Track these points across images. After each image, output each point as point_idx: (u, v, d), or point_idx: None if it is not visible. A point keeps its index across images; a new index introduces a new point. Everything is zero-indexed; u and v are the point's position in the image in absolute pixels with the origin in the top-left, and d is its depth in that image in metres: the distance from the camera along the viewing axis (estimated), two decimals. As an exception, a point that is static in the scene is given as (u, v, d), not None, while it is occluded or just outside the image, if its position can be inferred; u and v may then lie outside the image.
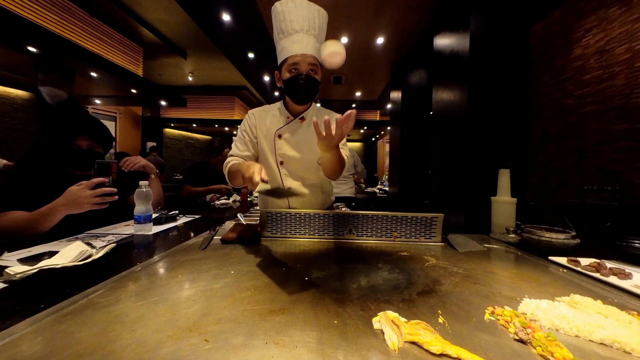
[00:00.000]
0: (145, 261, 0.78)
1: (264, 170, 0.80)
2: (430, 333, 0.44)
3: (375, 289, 0.62)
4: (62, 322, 0.48)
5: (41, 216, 0.97)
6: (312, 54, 1.05)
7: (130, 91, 5.29)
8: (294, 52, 1.04)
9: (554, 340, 0.42)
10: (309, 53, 1.04)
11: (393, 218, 1.02)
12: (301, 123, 1.17)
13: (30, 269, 0.61)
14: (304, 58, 1.04)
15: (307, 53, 1.04)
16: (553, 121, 1.81)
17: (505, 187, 1.16)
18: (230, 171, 1.08)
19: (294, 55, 1.04)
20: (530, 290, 0.62)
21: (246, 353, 0.40)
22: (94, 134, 1.22)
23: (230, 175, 1.10)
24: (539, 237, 0.89)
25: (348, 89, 6.83)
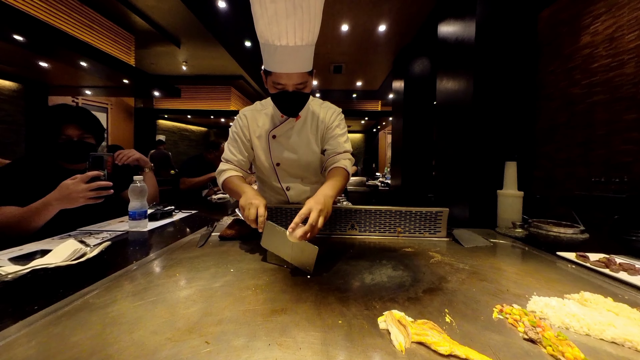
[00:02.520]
0: (141, 259, 0.77)
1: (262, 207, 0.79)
2: (438, 333, 0.44)
3: (379, 287, 0.61)
4: (57, 324, 0.48)
5: (34, 211, 0.96)
6: (299, 72, 0.89)
7: (122, 81, 5.20)
8: (277, 71, 0.89)
9: (564, 339, 0.42)
10: (295, 72, 0.89)
11: (397, 213, 1.02)
12: (296, 122, 1.11)
13: (22, 269, 0.60)
14: (289, 78, 0.90)
15: (293, 72, 0.89)
16: (559, 111, 1.79)
17: (512, 180, 1.15)
18: (227, 187, 1.05)
19: (278, 74, 0.90)
20: (538, 287, 0.62)
21: (249, 355, 0.40)
22: (83, 123, 1.19)
23: (226, 191, 1.07)
24: (547, 232, 0.89)
25: (348, 79, 6.75)
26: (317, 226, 0.72)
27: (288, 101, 0.98)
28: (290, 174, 1.19)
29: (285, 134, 1.12)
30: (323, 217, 0.74)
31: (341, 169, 1.04)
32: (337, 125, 1.14)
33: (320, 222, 0.72)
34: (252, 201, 0.81)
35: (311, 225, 0.70)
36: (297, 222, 0.71)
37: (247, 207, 0.81)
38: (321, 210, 0.74)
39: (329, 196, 0.82)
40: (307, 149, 1.13)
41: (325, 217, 0.75)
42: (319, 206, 0.74)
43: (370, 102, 9.06)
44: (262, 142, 1.14)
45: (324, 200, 0.77)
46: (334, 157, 1.11)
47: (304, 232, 0.69)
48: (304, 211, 0.73)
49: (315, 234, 0.73)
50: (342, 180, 0.98)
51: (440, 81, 2.38)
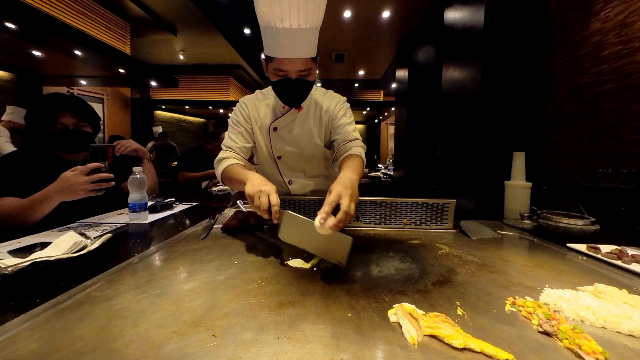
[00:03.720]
0: (143, 252, 0.76)
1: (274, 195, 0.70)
2: (451, 326, 0.43)
3: (388, 280, 0.61)
4: (60, 317, 0.47)
5: (35, 203, 0.95)
6: (303, 57, 0.85)
7: (118, 71, 5.14)
8: (279, 56, 0.84)
9: (581, 332, 0.41)
10: (298, 57, 0.84)
11: (402, 204, 1.01)
12: (298, 113, 1.07)
13: (22, 261, 0.59)
14: (292, 64, 0.85)
15: (297, 58, 0.84)
16: (567, 101, 1.76)
17: (520, 170, 1.14)
18: (227, 176, 0.96)
19: (280, 60, 0.85)
20: (550, 279, 0.61)
21: (258, 349, 0.39)
22: (78, 111, 1.17)
23: (226, 181, 0.99)
24: (557, 224, 0.88)
25: (350, 68, 6.66)
26: (350, 213, 0.63)
27: (290, 90, 0.93)
28: (292, 167, 1.17)
29: (287, 127, 1.08)
30: (354, 203, 0.66)
31: (357, 155, 0.98)
32: (342, 114, 1.09)
33: (353, 208, 0.64)
34: (262, 188, 0.71)
35: (345, 212, 0.62)
36: (327, 211, 0.62)
37: (256, 196, 0.70)
38: (351, 195, 0.66)
39: (354, 180, 0.74)
40: (309, 142, 1.10)
41: (355, 202, 0.67)
42: (349, 191, 0.66)
43: (373, 92, 8.96)
44: (263, 134, 1.10)
45: (351, 184, 0.69)
46: (345, 144, 1.05)
47: (338, 222, 0.61)
48: (333, 198, 0.64)
49: (349, 222, 0.64)
50: (361, 166, 0.92)
51: (446, 70, 2.34)
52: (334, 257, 0.64)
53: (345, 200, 0.63)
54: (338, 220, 0.61)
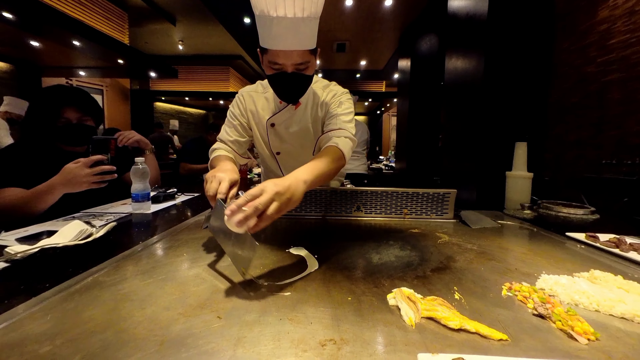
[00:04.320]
0: (147, 240, 0.78)
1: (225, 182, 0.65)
2: (448, 309, 0.45)
3: (387, 266, 0.63)
4: (70, 300, 0.49)
5: (39, 194, 0.97)
6: (299, 50, 0.78)
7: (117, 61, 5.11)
8: (274, 48, 0.78)
9: (574, 314, 0.43)
10: (294, 50, 0.78)
11: (403, 194, 1.02)
12: (295, 109, 1.01)
13: (31, 248, 0.61)
14: (287, 57, 0.79)
15: (292, 50, 0.78)
16: (572, 91, 1.74)
17: (522, 161, 1.15)
18: (211, 165, 0.96)
19: (274, 52, 0.79)
20: (547, 266, 0.63)
21: (261, 329, 0.41)
22: (82, 105, 1.18)
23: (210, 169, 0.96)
24: (557, 213, 0.89)
25: (352, 58, 6.58)
26: (265, 213, 0.53)
27: (286, 84, 0.87)
28: (292, 163, 1.13)
29: (284, 123, 1.04)
30: (278, 203, 0.55)
31: (331, 147, 0.86)
32: (337, 105, 1.00)
33: (272, 208, 0.54)
34: (217, 174, 0.66)
35: (255, 208, 0.51)
36: (239, 204, 0.51)
37: (209, 180, 0.66)
38: (277, 194, 0.55)
39: (299, 180, 0.63)
40: (307, 140, 1.06)
41: (282, 203, 0.56)
42: (277, 188, 0.55)
43: (375, 83, 8.89)
44: (260, 129, 1.08)
45: (289, 184, 0.59)
46: (326, 134, 0.95)
47: (244, 217, 0.50)
48: (253, 191, 0.54)
49: (264, 225, 0.54)
50: (330, 163, 0.78)
51: (449, 59, 2.31)
52: (239, 262, 0.57)
53: (263, 197, 0.53)
54: (245, 215, 0.50)
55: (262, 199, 0.53)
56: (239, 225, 0.51)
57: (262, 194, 0.54)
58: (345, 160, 0.87)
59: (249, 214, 0.51)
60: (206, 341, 0.39)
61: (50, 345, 0.38)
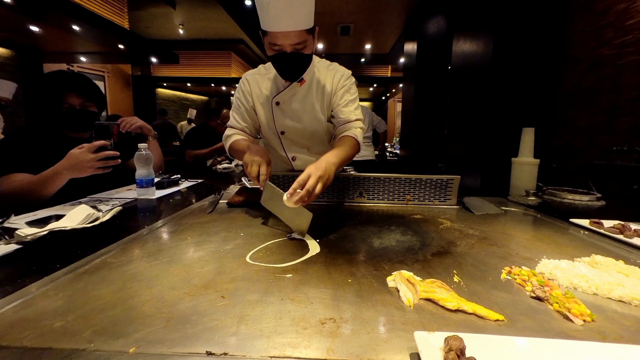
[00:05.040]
0: (152, 224, 0.80)
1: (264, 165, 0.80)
2: (446, 291, 0.46)
3: (388, 250, 0.64)
4: (80, 280, 0.51)
5: (45, 179, 1.00)
6: (296, 30, 0.83)
7: (117, 47, 5.06)
8: (271, 30, 0.83)
9: (572, 297, 0.44)
10: (292, 30, 0.83)
11: (406, 180, 1.02)
12: (300, 86, 1.05)
13: (40, 230, 0.64)
14: (285, 38, 0.84)
15: (290, 31, 0.83)
16: (585, 75, 1.69)
17: (528, 147, 1.13)
18: (234, 149, 1.06)
19: (273, 34, 0.84)
20: (549, 251, 0.63)
21: (263, 308, 0.43)
22: (84, 91, 1.19)
23: (234, 154, 1.08)
24: (561, 199, 0.89)
25: (356, 41, 6.43)
26: (314, 192, 0.71)
27: (286, 64, 0.93)
28: (296, 143, 1.17)
29: (289, 101, 1.08)
30: (322, 184, 0.72)
31: (351, 138, 1.00)
32: (346, 90, 1.08)
33: (318, 188, 0.71)
34: (255, 158, 0.81)
35: (308, 191, 0.69)
36: (295, 188, 0.70)
37: (249, 164, 0.81)
38: (320, 177, 0.72)
39: (331, 163, 0.79)
40: (312, 117, 1.09)
41: (324, 184, 0.73)
42: (319, 172, 0.73)
43: (380, 68, 8.70)
44: (266, 109, 1.11)
45: (325, 167, 0.76)
46: (343, 125, 1.06)
47: (300, 198, 0.69)
48: (302, 177, 0.71)
49: (312, 199, 0.72)
50: (350, 150, 0.94)
51: (456, 42, 2.25)
52: (296, 227, 0.75)
53: (312, 181, 0.70)
54: (300, 196, 0.69)
55: (311, 182, 0.70)
56: (296, 204, 0.70)
57: (309, 179, 0.71)
58: (359, 148, 1.02)
59: (304, 195, 0.69)
60: (211, 318, 0.40)
61: (63, 320, 0.40)
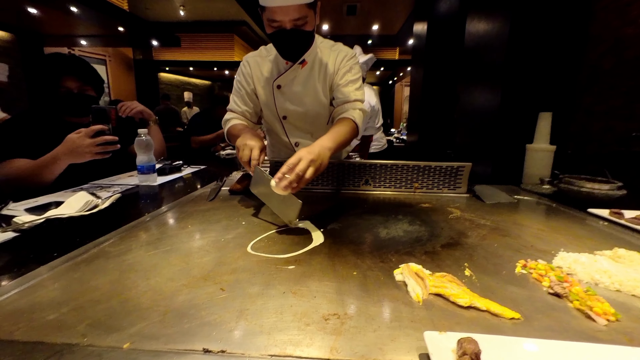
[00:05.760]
0: (153, 212, 0.79)
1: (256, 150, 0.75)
2: (457, 286, 0.43)
3: (395, 241, 0.61)
4: (77, 270, 0.50)
5: (44, 164, 0.99)
6: (296, 4, 0.80)
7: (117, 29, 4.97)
8: (270, 5, 0.80)
9: (593, 294, 0.41)
10: (290, 4, 0.79)
11: (414, 168, 0.99)
12: (301, 68, 1.01)
13: (37, 218, 0.62)
14: (284, 13, 0.81)
15: (289, 5, 0.79)
16: (605, 57, 1.60)
17: (545, 133, 1.08)
18: (230, 134, 1.02)
19: (271, 9, 0.81)
20: (566, 243, 0.60)
21: (264, 302, 0.41)
22: (81, 74, 1.16)
23: (230, 138, 1.04)
24: (579, 188, 0.85)
25: (363, 22, 6.21)
26: (304, 177, 0.66)
27: (286, 42, 0.89)
28: (298, 128, 1.14)
29: (290, 84, 1.04)
30: (313, 168, 0.67)
31: (348, 119, 0.94)
32: (347, 70, 1.02)
33: (309, 173, 0.66)
34: (247, 142, 0.77)
35: (297, 175, 0.64)
36: (283, 172, 0.65)
37: (241, 148, 0.77)
38: (312, 161, 0.67)
39: (325, 147, 0.74)
40: (314, 100, 1.05)
41: (316, 168, 0.68)
42: (310, 156, 0.68)
43: (388, 50, 8.43)
44: (267, 93, 1.07)
45: (318, 151, 0.71)
46: (342, 105, 1.01)
47: (289, 183, 0.64)
48: (292, 160, 0.67)
49: (302, 185, 0.67)
50: (346, 133, 0.88)
51: (470, 21, 2.14)
52: (285, 216, 0.70)
53: (302, 164, 0.66)
54: (289, 181, 0.64)
55: (300, 166, 0.65)
56: (285, 189, 0.64)
57: (299, 162, 0.66)
58: (358, 132, 0.96)
59: (293, 180, 0.64)
60: (209, 312, 0.39)
61: (57, 312, 0.39)
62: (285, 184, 0.64)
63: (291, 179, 0.64)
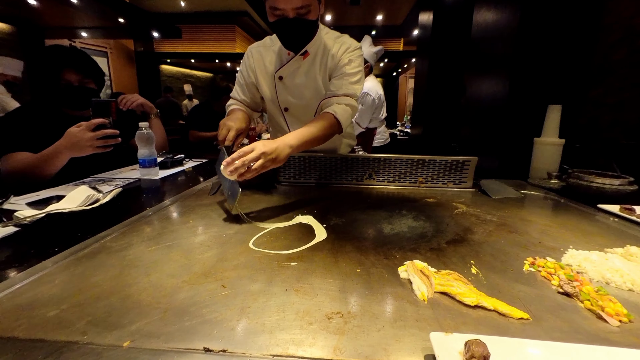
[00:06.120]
0: (154, 206, 0.78)
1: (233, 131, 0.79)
2: (464, 284, 0.42)
3: (400, 237, 0.60)
4: (78, 265, 0.50)
5: (46, 158, 0.98)
6: None
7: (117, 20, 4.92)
8: None
9: (605, 294, 0.40)
10: None
11: (419, 162, 0.97)
12: (303, 60, 0.99)
13: (38, 213, 0.62)
14: (287, 1, 0.79)
15: None
16: (616, 47, 1.55)
17: (553, 126, 1.06)
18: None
19: None
20: (575, 240, 0.59)
21: (265, 300, 0.40)
22: (81, 67, 1.15)
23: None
24: (589, 183, 0.83)
25: (367, 12, 6.09)
26: (252, 168, 0.66)
27: (289, 31, 0.87)
28: (301, 120, 1.12)
29: (292, 75, 1.02)
30: (263, 161, 0.67)
31: (329, 115, 0.89)
32: (345, 62, 0.97)
33: (258, 164, 0.66)
34: (227, 122, 0.82)
35: (243, 162, 0.64)
36: (234, 157, 0.65)
37: (220, 127, 0.82)
38: (264, 154, 0.67)
39: (286, 144, 0.73)
40: (315, 92, 1.03)
41: (267, 161, 0.68)
42: (264, 149, 0.67)
43: (392, 41, 8.29)
44: (269, 84, 1.06)
45: (277, 147, 0.70)
46: (327, 99, 0.96)
47: (234, 169, 0.65)
48: (246, 148, 0.67)
49: (251, 176, 0.67)
50: (319, 131, 0.83)
51: (477, 11, 2.08)
52: (228, 200, 0.73)
53: (252, 155, 0.66)
54: (235, 167, 0.65)
55: (250, 156, 0.66)
56: (230, 174, 0.66)
57: (251, 152, 0.66)
58: (341, 128, 0.92)
59: (238, 167, 0.65)
60: (210, 310, 0.38)
61: (57, 309, 0.39)
62: (231, 169, 0.65)
63: (237, 165, 0.65)
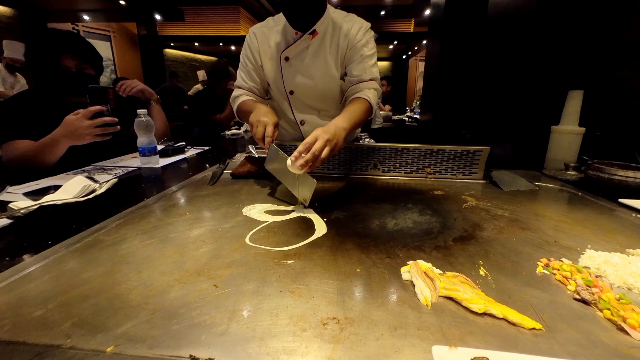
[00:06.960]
0: (151, 197, 0.77)
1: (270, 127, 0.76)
2: (471, 288, 0.40)
3: (403, 233, 0.57)
4: (69, 260, 0.49)
5: (45, 146, 0.98)
6: None
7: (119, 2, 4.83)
8: None
9: (628, 303, 0.37)
10: None
11: (426, 152, 0.93)
12: (312, 39, 0.96)
13: (32, 204, 0.61)
14: None
15: None
16: (646, 26, 1.43)
17: (574, 113, 0.99)
18: (241, 110, 1.01)
19: None
20: (594, 239, 0.55)
21: (259, 301, 0.38)
22: (79, 53, 1.12)
23: (241, 115, 1.03)
24: (610, 176, 0.77)
25: (376, -9, 5.84)
26: (320, 157, 0.66)
27: (297, 9, 0.86)
28: (306, 104, 1.09)
29: (299, 55, 0.99)
30: (329, 148, 0.68)
31: (363, 99, 0.92)
32: (364, 44, 0.97)
33: (325, 152, 0.67)
34: (261, 118, 0.78)
35: (313, 154, 0.65)
36: (300, 151, 0.65)
37: (255, 125, 0.78)
38: (328, 140, 0.68)
39: (340, 128, 0.74)
40: (324, 73, 1.00)
41: (332, 148, 0.69)
42: (327, 135, 0.68)
43: (402, 22, 7.99)
44: (274, 65, 1.02)
45: (334, 131, 0.71)
46: (357, 85, 0.98)
47: (305, 162, 0.64)
48: (309, 140, 0.67)
49: (318, 165, 0.68)
50: (361, 114, 0.88)
51: (495, -14, 1.95)
52: (300, 195, 0.71)
53: (319, 144, 0.66)
54: (305, 160, 0.64)
55: (317, 145, 0.66)
56: (301, 168, 0.65)
57: (316, 142, 0.66)
58: (372, 111, 0.95)
59: (309, 159, 0.64)
60: (200, 312, 0.37)
61: (43, 308, 0.38)
62: (302, 163, 0.64)
63: (307, 158, 0.64)
